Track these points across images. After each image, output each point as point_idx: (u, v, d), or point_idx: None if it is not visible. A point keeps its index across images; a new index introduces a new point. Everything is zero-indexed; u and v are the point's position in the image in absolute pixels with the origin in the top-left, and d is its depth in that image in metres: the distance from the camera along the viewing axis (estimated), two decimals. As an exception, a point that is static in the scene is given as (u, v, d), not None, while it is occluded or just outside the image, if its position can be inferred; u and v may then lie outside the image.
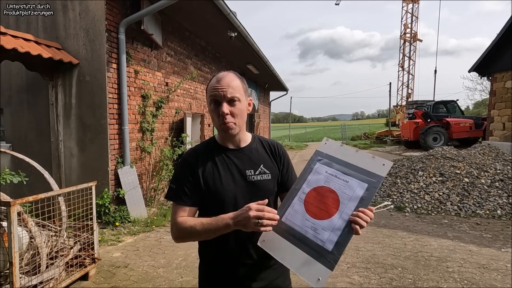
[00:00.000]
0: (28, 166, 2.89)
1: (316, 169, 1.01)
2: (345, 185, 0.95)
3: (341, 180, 0.97)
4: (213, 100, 1.09)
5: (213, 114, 1.11)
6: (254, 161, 1.16)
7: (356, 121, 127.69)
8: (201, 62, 7.32)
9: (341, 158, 1.00)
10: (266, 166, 1.16)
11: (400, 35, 26.22)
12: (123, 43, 4.30)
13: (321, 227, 0.93)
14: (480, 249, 3.52)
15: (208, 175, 1.11)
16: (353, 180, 0.95)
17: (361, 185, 0.94)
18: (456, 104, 15.34)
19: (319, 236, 0.92)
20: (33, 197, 2.27)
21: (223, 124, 1.08)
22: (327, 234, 0.92)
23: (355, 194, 0.93)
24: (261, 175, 1.14)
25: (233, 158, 1.14)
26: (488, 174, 5.65)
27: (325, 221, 0.93)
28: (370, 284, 2.80)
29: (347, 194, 0.94)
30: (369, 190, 0.93)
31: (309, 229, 0.94)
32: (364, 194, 0.93)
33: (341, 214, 0.92)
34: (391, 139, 19.79)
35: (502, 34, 8.98)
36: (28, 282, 2.24)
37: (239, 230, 1.03)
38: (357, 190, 0.94)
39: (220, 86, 1.07)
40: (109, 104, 4.23)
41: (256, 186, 1.13)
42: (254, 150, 1.19)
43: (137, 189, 4.62)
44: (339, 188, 0.96)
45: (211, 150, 1.16)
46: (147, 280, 2.88)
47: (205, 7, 5.26)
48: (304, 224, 0.95)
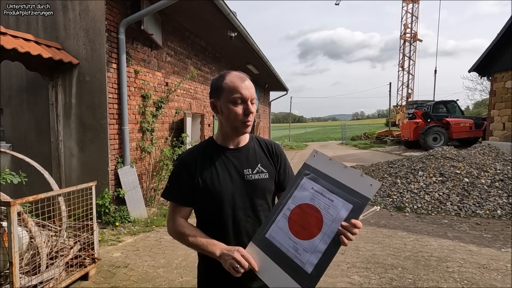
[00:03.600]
0: (28, 166, 2.89)
1: (302, 184, 0.99)
2: (330, 204, 0.93)
3: (327, 198, 0.94)
4: (240, 99, 1.10)
5: (236, 111, 1.10)
6: (252, 161, 1.17)
7: (356, 121, 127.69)
8: (201, 62, 7.33)
9: (328, 174, 0.96)
10: (263, 165, 1.18)
11: (400, 35, 26.22)
12: (123, 43, 4.30)
13: (302, 248, 0.92)
14: (480, 249, 3.52)
15: (206, 175, 1.12)
16: (338, 199, 0.92)
17: (346, 206, 0.91)
18: (456, 104, 15.34)
19: (299, 257, 0.91)
20: (33, 197, 2.27)
21: (245, 123, 1.11)
22: (308, 255, 0.90)
23: (338, 216, 0.90)
24: (258, 174, 1.16)
25: (231, 158, 1.16)
26: (488, 174, 5.65)
27: (306, 242, 0.92)
28: (370, 284, 2.80)
29: (331, 215, 0.91)
30: (353, 212, 0.90)
31: (291, 248, 0.93)
32: (348, 215, 0.90)
33: (323, 236, 0.90)
34: (391, 139, 19.79)
35: (502, 34, 8.98)
36: (28, 282, 2.24)
37: (239, 230, 1.11)
38: (341, 211, 0.91)
39: (246, 87, 1.10)
40: (109, 104, 4.23)
41: (253, 185, 1.14)
42: (251, 149, 1.20)
43: (137, 189, 4.62)
44: (324, 208, 0.93)
45: (209, 150, 1.18)
46: (147, 280, 2.88)
47: (205, 7, 5.26)
48: (287, 243, 0.94)
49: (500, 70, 9.41)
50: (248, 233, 1.13)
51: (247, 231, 1.13)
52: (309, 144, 24.09)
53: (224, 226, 1.12)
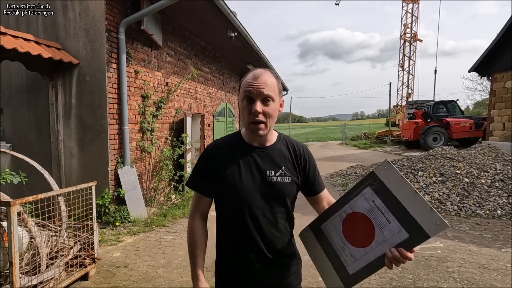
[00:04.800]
0: (28, 166, 2.89)
1: (364, 193, 0.96)
2: (386, 224, 0.89)
3: (384, 217, 0.90)
4: (246, 97, 1.05)
5: (244, 111, 1.06)
6: (276, 162, 1.14)
7: (356, 121, 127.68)
8: (201, 62, 7.32)
9: (394, 193, 0.89)
10: (287, 169, 1.14)
11: (400, 35, 26.23)
12: (123, 43, 4.30)
13: (349, 251, 0.97)
14: (480, 249, 3.52)
15: (229, 171, 1.11)
16: (396, 223, 0.87)
17: (402, 233, 0.86)
18: (456, 104, 15.34)
19: (345, 257, 0.97)
20: (33, 197, 2.27)
21: (252, 124, 1.06)
22: (352, 260, 0.95)
23: (390, 240, 0.87)
24: (281, 177, 1.12)
25: (255, 157, 1.13)
26: (488, 174, 5.65)
27: (354, 248, 0.95)
28: (370, 284, 2.80)
29: (384, 236, 0.89)
30: (407, 242, 0.85)
31: (339, 246, 1.00)
32: (400, 243, 0.86)
33: (368, 252, 0.91)
34: (391, 139, 19.79)
35: (502, 34, 8.98)
36: (28, 282, 2.24)
37: (255, 228, 1.11)
38: (394, 237, 0.87)
39: (256, 83, 1.04)
40: (109, 104, 4.23)
41: (274, 187, 1.12)
42: (277, 150, 1.16)
43: (137, 189, 4.62)
44: (379, 225, 0.90)
45: (235, 145, 1.16)
46: (147, 280, 2.88)
47: (205, 7, 5.26)
48: (337, 241, 1.01)
49: (500, 70, 9.41)
50: (263, 232, 1.11)
51: (263, 230, 1.11)
52: (309, 144, 24.09)
53: (241, 223, 1.11)
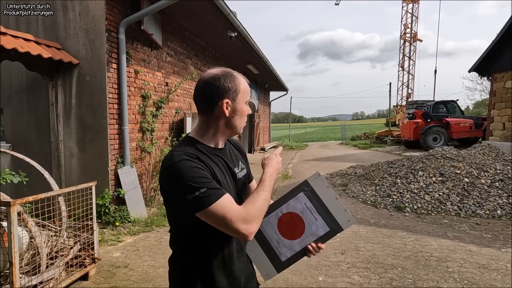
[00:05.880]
0: (28, 166, 2.89)
1: (298, 197, 1.19)
2: (314, 221, 1.16)
3: (313, 216, 1.16)
4: (248, 102, 1.15)
5: (244, 114, 1.14)
6: (235, 159, 1.20)
7: (356, 121, 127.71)
8: (201, 62, 7.33)
9: (321, 198, 1.17)
10: (242, 162, 1.24)
11: (400, 35, 26.21)
12: (123, 43, 4.30)
13: (282, 244, 1.17)
14: (480, 249, 3.52)
15: (219, 175, 1.05)
16: (321, 220, 1.15)
17: (325, 228, 1.15)
18: (456, 104, 15.34)
19: (279, 248, 1.17)
20: (33, 197, 2.27)
21: (243, 126, 1.16)
22: (285, 250, 1.17)
23: (316, 232, 1.15)
24: (242, 171, 1.20)
25: (223, 157, 1.12)
26: (488, 174, 5.65)
27: (287, 241, 1.17)
28: (370, 284, 2.80)
29: (311, 229, 1.16)
30: (328, 233, 1.15)
31: (274, 240, 1.19)
32: (323, 234, 1.15)
33: (300, 242, 1.16)
34: (391, 139, 19.78)
35: (502, 34, 8.98)
36: (28, 282, 2.24)
37: None
38: (319, 230, 1.15)
39: None
40: (109, 104, 4.23)
41: (241, 182, 1.19)
42: (229, 148, 1.22)
43: (137, 189, 4.62)
44: (308, 222, 1.16)
45: (203, 151, 1.06)
46: (147, 280, 2.88)
47: (205, 7, 5.27)
48: (272, 235, 1.19)
49: (500, 70, 9.41)
50: None
51: None
52: (309, 144, 24.09)
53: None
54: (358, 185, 6.79)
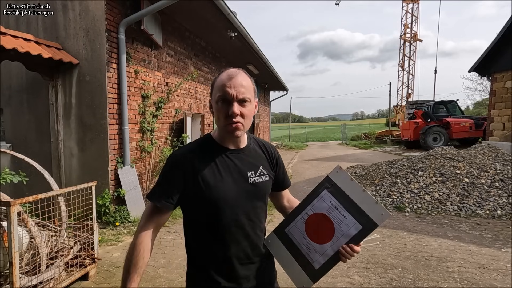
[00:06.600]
0: (28, 166, 2.89)
1: (322, 196, 1.09)
2: (343, 220, 1.04)
3: (341, 214, 1.05)
4: (221, 98, 1.02)
5: (219, 113, 1.02)
6: (254, 163, 1.13)
7: (356, 121, 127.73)
8: (201, 62, 7.33)
9: (347, 192, 1.05)
10: (264, 167, 1.15)
11: (400, 35, 26.20)
12: (123, 43, 4.30)
13: (313, 249, 1.07)
14: (480, 249, 3.52)
15: (208, 176, 1.04)
16: (351, 218, 1.03)
17: (356, 226, 1.02)
18: (456, 104, 15.34)
19: (310, 254, 1.07)
20: (33, 197, 2.27)
21: (229, 125, 1.02)
22: (317, 256, 1.06)
23: (348, 232, 1.03)
24: (260, 177, 1.13)
25: (234, 159, 1.09)
26: (488, 174, 5.65)
27: (318, 245, 1.07)
28: (370, 284, 2.80)
29: (342, 229, 1.04)
30: (361, 232, 1.02)
31: (304, 246, 1.09)
32: (356, 234, 1.02)
33: (332, 245, 1.05)
34: (391, 139, 19.79)
35: (502, 34, 8.98)
36: (28, 282, 2.24)
37: (241, 234, 1.09)
38: (351, 229, 1.03)
39: (232, 84, 1.00)
40: (109, 104, 4.23)
41: (257, 187, 1.11)
42: (252, 151, 1.15)
43: (137, 189, 4.62)
44: (337, 221, 1.05)
45: (208, 150, 1.09)
46: (147, 280, 2.88)
47: (205, 7, 5.27)
48: (301, 241, 1.10)
49: (500, 70, 9.41)
50: (249, 236, 1.10)
51: (248, 234, 1.10)
52: (309, 144, 24.08)
53: (225, 232, 1.06)
54: (358, 185, 6.78)
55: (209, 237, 1.08)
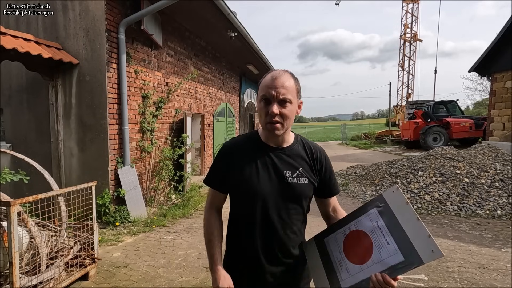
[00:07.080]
0: (28, 166, 2.89)
1: (370, 213, 1.01)
2: (384, 245, 0.92)
3: (384, 238, 0.93)
4: (263, 98, 1.08)
5: (261, 111, 1.10)
6: (293, 163, 1.15)
7: (356, 121, 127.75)
8: (201, 62, 7.32)
9: (397, 216, 0.94)
10: (304, 170, 1.15)
11: (400, 35, 26.22)
12: (123, 43, 4.30)
13: (345, 267, 1.00)
14: (480, 249, 3.52)
15: (245, 169, 1.12)
16: (393, 245, 0.91)
17: (397, 256, 0.89)
18: (456, 104, 15.34)
19: (340, 271, 1.01)
20: (33, 197, 2.27)
21: (269, 124, 1.08)
22: (346, 275, 0.98)
23: (385, 260, 0.90)
24: (298, 178, 1.14)
25: (273, 157, 1.14)
26: (488, 174, 5.65)
27: (351, 264, 0.99)
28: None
29: (380, 256, 0.92)
30: (402, 265, 0.87)
31: (337, 260, 1.04)
32: (394, 265, 0.88)
33: (364, 269, 0.94)
34: (391, 139, 19.79)
35: (502, 34, 8.98)
36: (28, 282, 2.24)
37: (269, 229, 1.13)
38: (390, 258, 0.90)
39: (273, 85, 1.06)
40: (109, 104, 4.23)
41: (291, 188, 1.12)
42: (295, 151, 1.17)
43: (137, 189, 4.62)
44: (377, 245, 0.94)
45: (252, 145, 1.17)
46: (147, 280, 2.88)
47: (205, 7, 5.26)
48: (336, 255, 1.05)
49: (500, 70, 9.41)
50: (277, 234, 1.12)
51: (277, 232, 1.12)
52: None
53: (255, 223, 1.12)
54: (358, 185, 6.79)
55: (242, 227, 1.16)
